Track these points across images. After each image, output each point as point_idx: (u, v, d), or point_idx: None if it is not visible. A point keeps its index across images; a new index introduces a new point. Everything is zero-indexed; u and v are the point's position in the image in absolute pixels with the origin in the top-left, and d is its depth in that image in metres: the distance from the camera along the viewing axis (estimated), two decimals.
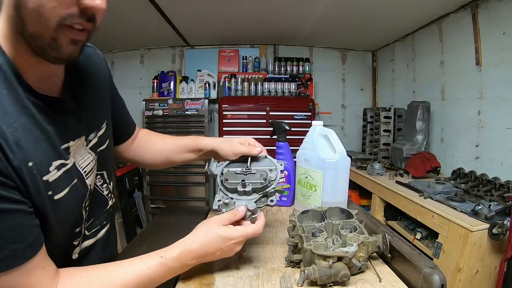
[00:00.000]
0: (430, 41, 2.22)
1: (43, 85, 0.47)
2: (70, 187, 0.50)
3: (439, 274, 0.50)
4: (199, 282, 0.56)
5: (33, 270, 0.42)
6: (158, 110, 2.65)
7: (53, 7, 0.38)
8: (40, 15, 0.38)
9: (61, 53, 0.42)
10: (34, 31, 0.40)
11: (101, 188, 0.63)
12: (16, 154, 0.40)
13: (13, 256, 0.39)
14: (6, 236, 0.39)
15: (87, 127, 0.57)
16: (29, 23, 0.39)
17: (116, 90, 0.73)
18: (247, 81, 2.76)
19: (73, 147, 0.52)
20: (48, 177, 0.45)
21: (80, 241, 0.58)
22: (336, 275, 0.52)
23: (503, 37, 1.59)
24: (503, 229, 1.09)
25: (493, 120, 1.69)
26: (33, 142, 0.43)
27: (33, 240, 0.42)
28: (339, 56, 3.11)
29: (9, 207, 0.39)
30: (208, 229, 0.56)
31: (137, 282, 0.49)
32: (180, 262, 0.53)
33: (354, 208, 0.77)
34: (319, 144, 0.85)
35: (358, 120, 3.03)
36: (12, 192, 0.40)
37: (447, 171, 1.97)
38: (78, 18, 0.41)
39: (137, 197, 2.76)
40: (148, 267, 0.51)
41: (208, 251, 0.54)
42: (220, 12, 2.13)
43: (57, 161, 0.47)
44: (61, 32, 0.40)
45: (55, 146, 0.47)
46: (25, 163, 0.41)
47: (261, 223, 0.59)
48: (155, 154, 0.84)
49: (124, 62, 3.09)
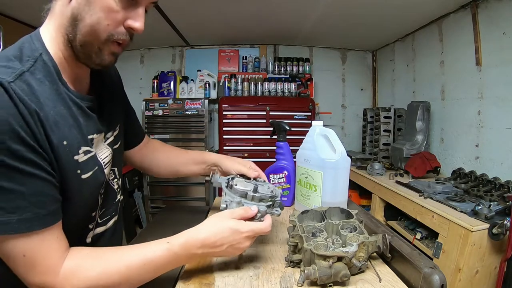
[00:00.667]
0: (430, 41, 2.22)
1: (76, 84, 0.55)
2: (93, 172, 0.55)
3: (439, 274, 0.50)
4: (199, 282, 0.56)
5: (47, 237, 0.46)
6: (158, 110, 2.65)
7: (107, 25, 0.48)
8: (95, 29, 0.48)
9: (103, 61, 0.52)
10: (86, 40, 0.49)
11: (112, 182, 0.68)
12: (56, 132, 0.47)
13: (33, 219, 0.43)
14: (31, 199, 0.43)
15: (106, 126, 0.63)
16: (83, 34, 0.49)
17: (127, 100, 0.80)
18: (247, 81, 2.76)
19: (96, 140, 0.58)
20: (78, 158, 0.52)
21: (94, 226, 0.62)
22: (336, 275, 0.52)
23: (503, 37, 1.59)
24: (503, 229, 1.09)
25: (493, 120, 1.68)
26: (68, 127, 0.50)
27: (53, 210, 0.46)
28: (339, 56, 3.11)
29: (39, 174, 0.44)
30: (218, 220, 0.57)
31: (142, 264, 0.51)
32: (187, 249, 0.54)
33: (354, 208, 0.77)
34: (319, 144, 0.85)
35: (358, 120, 3.03)
36: (44, 163, 0.45)
37: (447, 171, 1.97)
38: (122, 35, 0.51)
39: (137, 197, 2.76)
40: (153, 251, 0.53)
41: (215, 241, 0.55)
42: (220, 12, 2.13)
43: (85, 147, 0.54)
44: (107, 44, 0.51)
45: (84, 134, 0.54)
46: (61, 141, 0.48)
47: (269, 222, 0.60)
48: (162, 163, 0.89)
49: (124, 62, 3.08)
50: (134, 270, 0.51)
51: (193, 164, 0.89)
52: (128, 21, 0.51)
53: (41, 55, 0.49)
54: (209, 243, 0.54)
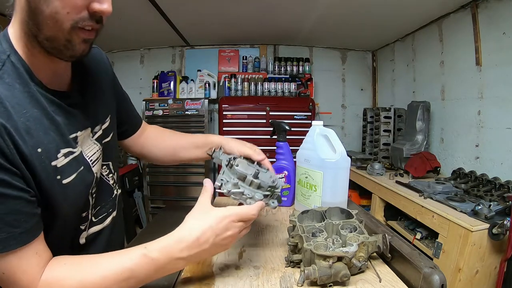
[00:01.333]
0: (430, 41, 2.22)
1: (54, 81, 0.51)
2: (78, 173, 0.53)
3: (439, 274, 0.50)
4: (199, 282, 0.56)
5: (26, 255, 0.44)
6: (158, 110, 2.65)
7: (67, 13, 0.43)
8: (55, 20, 0.43)
9: (75, 51, 0.47)
10: (50, 34, 0.44)
11: (107, 178, 0.66)
12: (27, 141, 0.44)
13: (8, 239, 0.42)
14: (5, 219, 0.41)
15: (93, 120, 0.60)
16: (45, 28, 0.44)
17: (120, 87, 0.76)
18: (247, 81, 2.76)
19: (81, 137, 0.55)
20: (57, 163, 0.49)
21: (87, 227, 0.60)
22: (336, 275, 0.52)
23: (503, 37, 1.59)
24: (503, 229, 1.09)
25: (493, 120, 1.68)
26: (43, 131, 0.47)
27: (30, 227, 0.44)
28: (339, 56, 3.11)
29: (10, 193, 0.42)
30: (196, 214, 0.53)
31: (118, 273, 0.47)
32: (167, 254, 0.49)
33: (354, 208, 0.77)
34: (319, 144, 0.85)
35: (358, 120, 3.03)
36: (15, 179, 0.42)
37: (447, 171, 1.97)
38: (88, 20, 0.46)
39: (137, 197, 2.76)
40: (130, 259, 0.48)
41: (199, 238, 0.50)
42: (220, 12, 2.13)
43: (65, 149, 0.51)
44: (74, 33, 0.45)
45: (64, 135, 0.51)
46: (35, 149, 0.45)
47: (257, 206, 0.56)
48: (163, 148, 0.85)
49: (124, 62, 3.09)
50: (111, 280, 0.47)
51: (195, 148, 0.83)
52: (93, 4, 0.45)
53: (9, 57, 0.46)
54: (192, 241, 0.50)
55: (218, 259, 0.65)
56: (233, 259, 0.65)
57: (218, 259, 0.65)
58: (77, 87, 0.57)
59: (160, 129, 0.89)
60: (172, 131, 0.90)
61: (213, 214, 0.52)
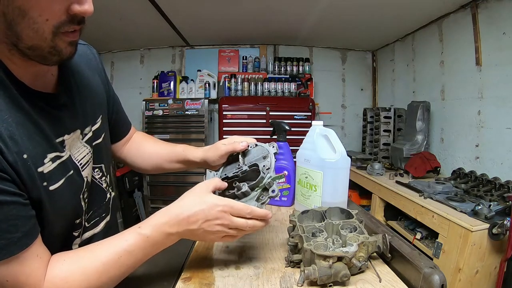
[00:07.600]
0: (430, 41, 2.22)
1: (38, 82, 0.49)
2: (66, 178, 0.51)
3: (439, 274, 0.50)
4: (199, 282, 0.56)
5: (27, 258, 0.44)
6: (158, 110, 2.65)
7: (46, 20, 0.41)
8: (35, 30, 0.41)
9: (62, 55, 0.46)
10: (32, 44, 0.42)
11: (99, 181, 0.64)
12: (11, 147, 0.42)
13: (8, 245, 0.41)
14: (2, 226, 0.41)
15: (82, 121, 0.58)
16: (25, 38, 0.42)
17: (111, 87, 0.73)
18: (247, 81, 2.76)
19: (69, 141, 0.53)
20: (43, 169, 0.47)
21: (81, 233, 0.59)
22: (336, 275, 0.52)
23: (503, 37, 1.59)
24: (503, 229, 1.09)
25: (493, 120, 1.68)
26: (27, 136, 0.45)
27: (28, 230, 0.44)
28: (339, 56, 3.11)
29: (4, 199, 0.41)
30: (191, 194, 0.55)
31: (117, 258, 0.49)
32: (159, 230, 0.51)
33: (354, 208, 0.77)
34: (319, 144, 0.85)
35: (358, 120, 3.03)
36: (7, 185, 0.41)
37: (447, 171, 1.97)
38: (69, 23, 0.43)
39: (137, 197, 2.76)
40: (126, 240, 0.50)
41: (189, 216, 0.52)
42: (220, 12, 2.13)
43: (51, 154, 0.49)
44: (58, 39, 0.43)
45: (50, 139, 0.49)
46: (20, 155, 0.43)
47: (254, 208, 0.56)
48: (146, 159, 0.83)
49: (124, 62, 3.09)
50: (111, 265, 0.49)
51: (177, 162, 0.81)
52: (73, 6, 0.42)
53: None
54: (182, 218, 0.52)
55: (218, 259, 0.65)
56: (233, 259, 0.65)
57: (218, 259, 0.65)
58: (64, 87, 0.55)
59: (144, 137, 0.86)
60: (155, 140, 0.87)
61: (208, 200, 0.54)
